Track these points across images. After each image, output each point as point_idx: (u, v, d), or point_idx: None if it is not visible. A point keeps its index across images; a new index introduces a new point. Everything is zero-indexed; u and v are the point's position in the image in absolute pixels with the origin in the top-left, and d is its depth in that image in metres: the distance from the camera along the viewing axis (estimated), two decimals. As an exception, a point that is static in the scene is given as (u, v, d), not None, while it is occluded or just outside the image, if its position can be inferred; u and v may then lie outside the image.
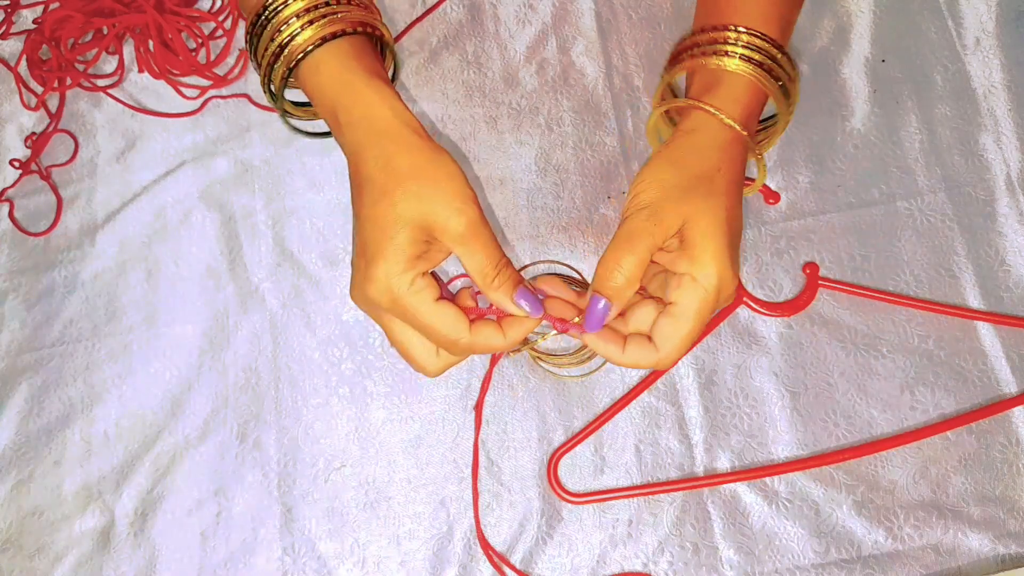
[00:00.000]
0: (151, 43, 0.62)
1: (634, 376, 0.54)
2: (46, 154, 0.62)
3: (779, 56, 0.44)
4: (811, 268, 0.55)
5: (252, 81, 0.62)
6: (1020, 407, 0.52)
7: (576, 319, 0.42)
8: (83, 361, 0.57)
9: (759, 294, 0.55)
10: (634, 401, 0.53)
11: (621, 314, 0.43)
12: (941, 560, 0.50)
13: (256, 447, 0.54)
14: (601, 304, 0.41)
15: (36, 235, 0.60)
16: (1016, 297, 0.55)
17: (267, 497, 0.53)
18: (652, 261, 0.42)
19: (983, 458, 0.52)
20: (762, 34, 0.43)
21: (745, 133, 0.43)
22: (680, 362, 0.54)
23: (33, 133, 0.62)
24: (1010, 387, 0.53)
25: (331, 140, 0.60)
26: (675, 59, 0.46)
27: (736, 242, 0.42)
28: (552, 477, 0.52)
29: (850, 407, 0.53)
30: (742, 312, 0.55)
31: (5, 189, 0.61)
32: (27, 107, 0.63)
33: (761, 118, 0.46)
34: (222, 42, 0.63)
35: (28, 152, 0.62)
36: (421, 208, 0.40)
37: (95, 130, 0.62)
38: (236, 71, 0.62)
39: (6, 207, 0.61)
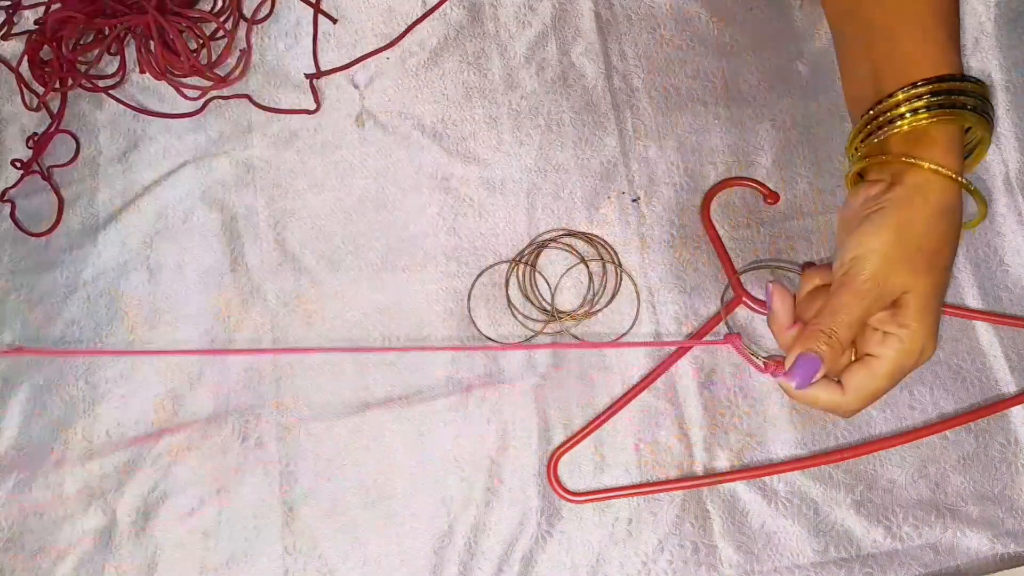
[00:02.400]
0: (152, 44, 0.62)
1: (634, 376, 0.54)
2: (47, 154, 0.62)
3: (958, 84, 0.43)
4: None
5: (253, 81, 0.63)
6: (1019, 407, 0.52)
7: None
8: (84, 361, 0.57)
9: (759, 294, 0.55)
10: (634, 400, 0.54)
11: None
12: (940, 559, 0.50)
13: (257, 446, 0.54)
14: (812, 363, 0.42)
15: (37, 235, 0.60)
16: (1015, 297, 0.55)
17: (268, 496, 0.53)
18: None
19: (982, 457, 0.52)
20: (933, 78, 0.42)
21: (964, 181, 0.43)
22: (679, 361, 0.54)
23: (34, 133, 0.62)
24: (1009, 387, 0.53)
25: (331, 141, 0.60)
26: (862, 137, 0.46)
27: (942, 307, 0.45)
28: (552, 476, 0.52)
29: (849, 406, 0.53)
30: (742, 312, 0.55)
31: (7, 189, 0.61)
32: (28, 108, 0.63)
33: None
34: (223, 43, 0.63)
35: (29, 152, 0.62)
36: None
37: (96, 130, 0.62)
38: (237, 72, 0.62)
39: (7, 207, 0.61)
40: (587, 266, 0.57)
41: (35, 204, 0.61)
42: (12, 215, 0.61)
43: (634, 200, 0.58)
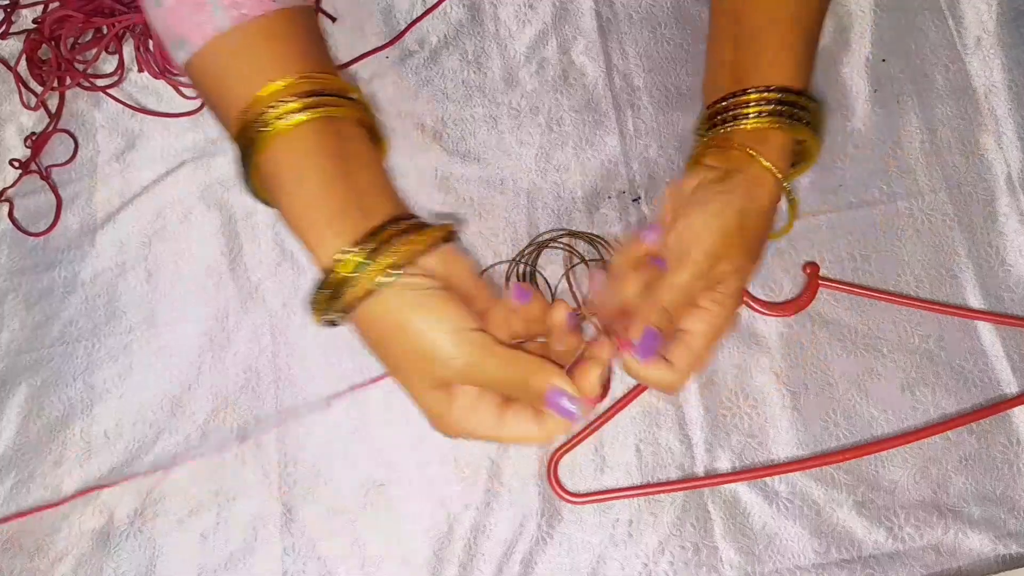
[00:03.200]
0: (151, 43, 0.62)
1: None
2: (46, 154, 0.62)
3: (802, 100, 0.46)
4: (811, 268, 0.55)
5: (252, 81, 0.62)
6: (1021, 407, 0.52)
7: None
8: (83, 361, 0.57)
9: (759, 294, 0.55)
10: (634, 401, 0.53)
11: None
12: (942, 560, 0.50)
13: (256, 447, 0.54)
14: (655, 337, 0.43)
15: (36, 235, 0.60)
16: (1017, 297, 0.55)
17: (267, 497, 0.53)
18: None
19: (983, 458, 0.52)
20: (783, 88, 0.45)
21: (787, 186, 0.46)
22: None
23: (33, 133, 0.62)
24: (1011, 387, 0.53)
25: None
26: (708, 124, 0.48)
27: None
28: (552, 477, 0.52)
29: (850, 407, 0.53)
30: (742, 312, 0.55)
31: (5, 189, 0.61)
32: (27, 107, 0.63)
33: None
34: (222, 42, 0.63)
35: (28, 152, 0.62)
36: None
37: (95, 130, 0.62)
38: (236, 71, 0.62)
39: (6, 207, 0.61)
40: (587, 266, 0.57)
41: (33, 204, 0.61)
42: (10, 215, 0.61)
43: (635, 200, 0.58)
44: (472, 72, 0.62)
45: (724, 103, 0.47)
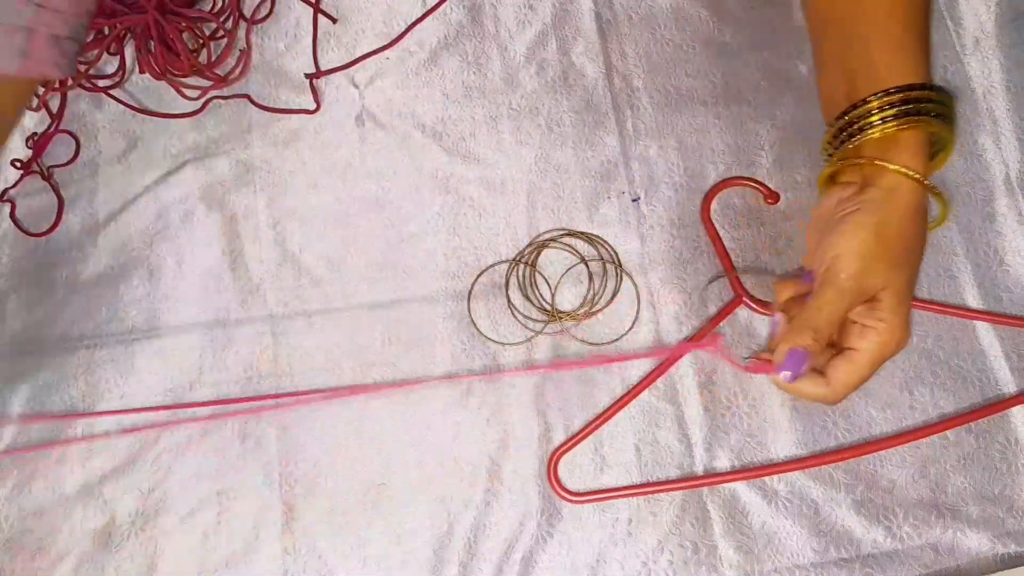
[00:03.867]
0: (152, 44, 0.62)
1: (634, 376, 0.54)
2: (47, 154, 0.62)
3: (926, 93, 0.45)
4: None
5: (253, 81, 0.63)
6: (1019, 407, 0.52)
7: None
8: (84, 361, 0.57)
9: (759, 294, 0.55)
10: (634, 400, 0.54)
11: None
12: (940, 559, 0.50)
13: (257, 447, 0.54)
14: (801, 356, 0.45)
15: (37, 235, 0.60)
16: (1015, 297, 0.55)
17: (268, 496, 0.53)
18: None
19: (982, 457, 0.52)
20: (902, 87, 0.45)
21: (929, 184, 0.45)
22: (680, 361, 0.54)
23: (34, 133, 0.62)
24: (1009, 387, 0.53)
25: (331, 141, 0.60)
26: (834, 142, 0.48)
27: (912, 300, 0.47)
28: (552, 476, 0.52)
29: (849, 406, 0.53)
30: (742, 312, 0.55)
31: (6, 189, 0.61)
32: (28, 107, 0.63)
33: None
34: (223, 43, 0.63)
35: (29, 152, 0.62)
36: None
37: (96, 131, 0.62)
38: (237, 72, 0.62)
39: (7, 207, 0.61)
40: (587, 266, 0.57)
41: (35, 204, 0.61)
42: (12, 215, 0.61)
43: (634, 200, 0.58)
44: (472, 73, 0.62)
45: (846, 117, 0.46)
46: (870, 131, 0.45)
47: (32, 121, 0.63)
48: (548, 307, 0.56)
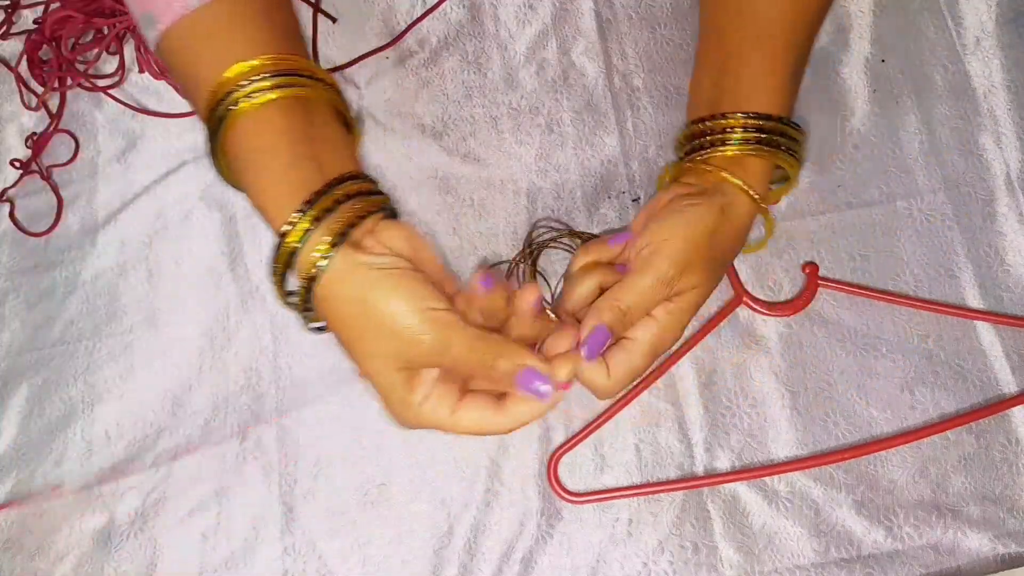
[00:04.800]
0: (151, 43, 0.62)
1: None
2: (47, 154, 0.62)
3: (785, 128, 0.46)
4: (811, 268, 0.55)
5: (252, 81, 0.62)
6: (1020, 407, 0.52)
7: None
8: (84, 361, 0.57)
9: (759, 294, 0.55)
10: (634, 400, 0.53)
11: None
12: (940, 560, 0.50)
13: (257, 447, 0.54)
14: (604, 335, 0.43)
15: (37, 235, 0.60)
16: (1016, 297, 0.55)
17: (268, 497, 0.53)
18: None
19: (983, 458, 0.52)
20: (763, 115, 0.45)
21: (766, 207, 0.46)
22: (680, 361, 0.54)
23: (33, 133, 0.62)
24: (1010, 387, 0.53)
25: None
26: (686, 147, 0.48)
27: None
28: (552, 476, 0.52)
29: (850, 407, 0.53)
30: (742, 312, 0.55)
31: (6, 189, 0.61)
32: (27, 107, 0.63)
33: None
34: (222, 42, 0.63)
35: (29, 152, 0.62)
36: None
37: (96, 130, 0.62)
38: (236, 71, 0.62)
39: (7, 207, 0.61)
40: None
41: (34, 204, 0.61)
42: (11, 215, 0.61)
43: (634, 200, 0.58)
44: (472, 73, 0.62)
45: (705, 124, 0.47)
46: (722, 148, 0.45)
47: (31, 121, 0.63)
48: (548, 307, 0.56)
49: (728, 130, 0.45)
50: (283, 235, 0.40)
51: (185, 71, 0.43)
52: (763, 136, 0.45)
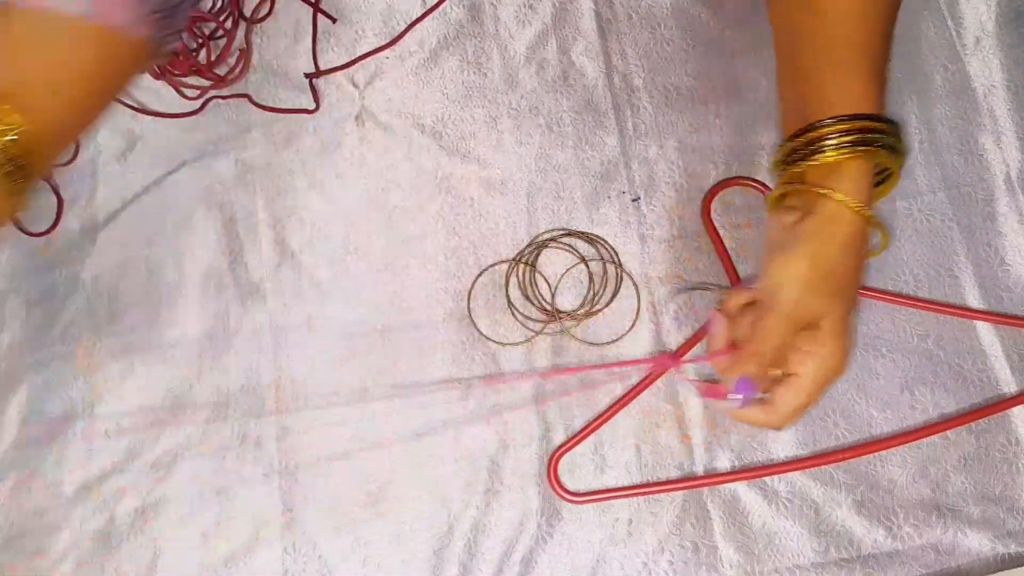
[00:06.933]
0: (152, 43, 0.61)
1: (633, 376, 0.54)
2: (47, 154, 0.62)
3: (877, 125, 0.44)
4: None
5: (252, 81, 0.62)
6: (1020, 407, 0.52)
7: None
8: (84, 361, 0.57)
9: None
10: (634, 400, 0.53)
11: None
12: (941, 559, 0.50)
13: (257, 447, 0.54)
14: (750, 384, 0.46)
15: (37, 235, 0.60)
16: (1016, 297, 0.55)
17: (268, 497, 0.53)
18: None
19: (983, 457, 0.52)
20: (852, 115, 0.44)
21: (871, 214, 0.45)
22: (680, 361, 0.54)
23: (34, 133, 0.62)
24: (1010, 386, 0.53)
25: (331, 141, 0.60)
26: (783, 165, 0.47)
27: (855, 326, 0.47)
28: (552, 476, 0.52)
29: (850, 406, 0.53)
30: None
31: (6, 189, 0.61)
32: (28, 107, 0.63)
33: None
34: (223, 43, 0.63)
35: (29, 152, 0.62)
36: None
37: (96, 130, 0.62)
38: (237, 71, 0.62)
39: (7, 207, 0.61)
40: (587, 266, 0.57)
41: (34, 204, 0.61)
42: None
43: (634, 200, 0.58)
44: (472, 72, 0.62)
45: (797, 140, 0.46)
46: (816, 157, 0.44)
47: (32, 121, 0.63)
48: (548, 307, 0.56)
49: (820, 139, 0.45)
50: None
51: None
52: (854, 136, 0.44)
